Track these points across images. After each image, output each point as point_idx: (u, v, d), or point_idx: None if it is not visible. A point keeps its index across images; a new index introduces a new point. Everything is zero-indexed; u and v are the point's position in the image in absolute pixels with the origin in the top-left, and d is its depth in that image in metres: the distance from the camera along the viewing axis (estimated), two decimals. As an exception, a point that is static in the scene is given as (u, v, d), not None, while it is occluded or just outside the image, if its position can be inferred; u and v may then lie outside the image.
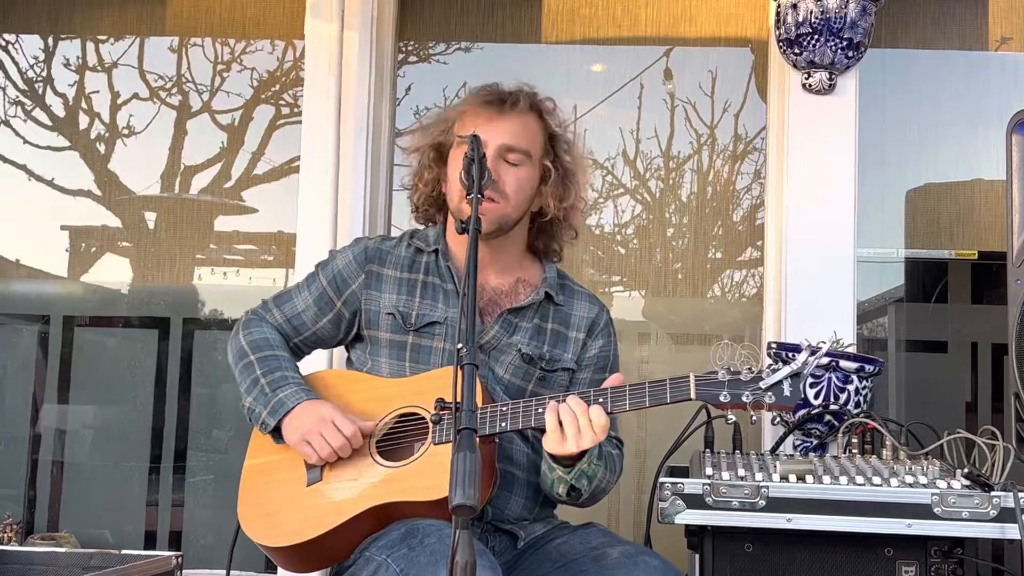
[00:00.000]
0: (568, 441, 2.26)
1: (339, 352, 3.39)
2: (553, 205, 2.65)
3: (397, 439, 2.46)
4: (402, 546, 2.23)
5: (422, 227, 2.79)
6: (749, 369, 2.26)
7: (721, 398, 2.26)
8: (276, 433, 2.50)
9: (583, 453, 2.33)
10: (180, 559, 2.60)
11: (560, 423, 2.27)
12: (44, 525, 4.14)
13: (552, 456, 2.35)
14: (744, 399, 2.25)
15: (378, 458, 2.43)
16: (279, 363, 2.58)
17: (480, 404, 2.34)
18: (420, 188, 2.74)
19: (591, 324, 2.70)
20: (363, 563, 2.31)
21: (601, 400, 2.29)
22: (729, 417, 2.31)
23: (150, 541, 4.11)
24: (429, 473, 2.34)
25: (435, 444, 2.39)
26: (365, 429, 2.44)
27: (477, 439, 1.87)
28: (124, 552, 2.58)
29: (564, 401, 2.29)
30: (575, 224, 2.75)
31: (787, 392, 2.24)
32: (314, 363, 2.99)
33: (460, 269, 2.62)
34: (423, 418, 2.44)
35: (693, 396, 2.27)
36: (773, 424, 3.34)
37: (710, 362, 2.32)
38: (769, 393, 2.24)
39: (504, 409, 2.35)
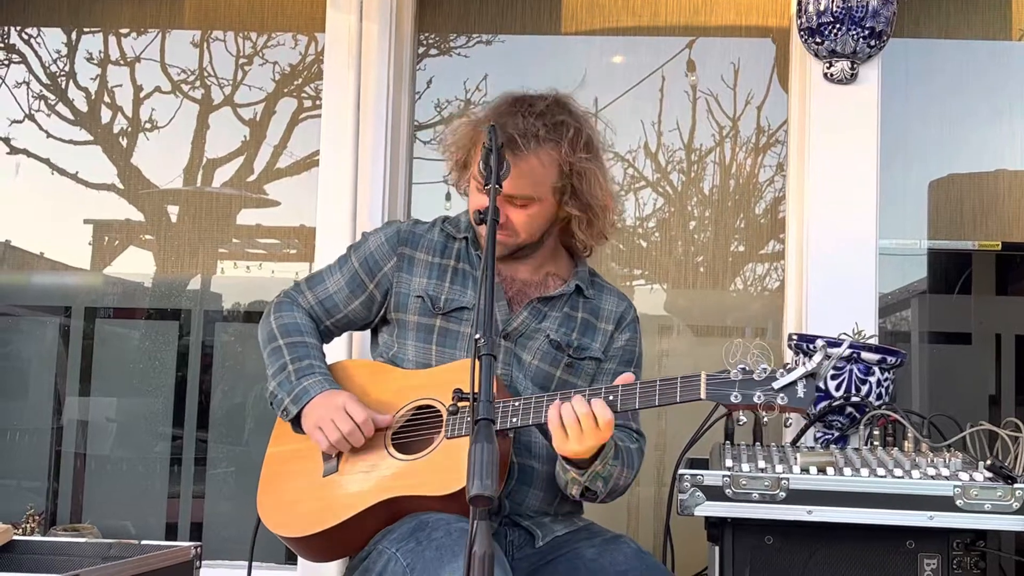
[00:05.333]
0: (571, 441, 2.23)
1: (359, 338, 3.42)
2: (576, 216, 2.61)
3: (414, 432, 2.46)
4: (411, 540, 2.23)
5: (453, 214, 2.78)
6: (764, 369, 2.19)
7: (732, 398, 2.19)
8: (295, 422, 2.51)
9: (597, 454, 2.31)
10: (199, 549, 2.61)
11: (562, 423, 2.23)
12: (67, 516, 4.17)
13: (565, 457, 2.34)
14: (755, 400, 2.17)
15: (393, 451, 2.43)
16: (308, 351, 2.59)
17: (496, 397, 2.33)
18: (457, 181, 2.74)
19: (619, 318, 2.69)
20: (376, 556, 2.32)
21: (611, 398, 2.25)
22: (740, 419, 2.28)
23: (171, 532, 4.13)
24: (441, 468, 2.34)
25: (448, 438, 2.38)
26: (379, 422, 2.44)
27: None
28: (144, 542, 2.59)
29: (568, 400, 2.25)
30: (603, 225, 2.66)
31: (801, 393, 2.16)
32: (333, 349, 2.98)
33: None
34: (439, 411, 2.44)
35: (703, 396, 2.21)
36: (786, 426, 3.32)
37: (723, 360, 2.28)
38: (781, 394, 2.16)
39: (516, 404, 2.32)
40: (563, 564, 2.45)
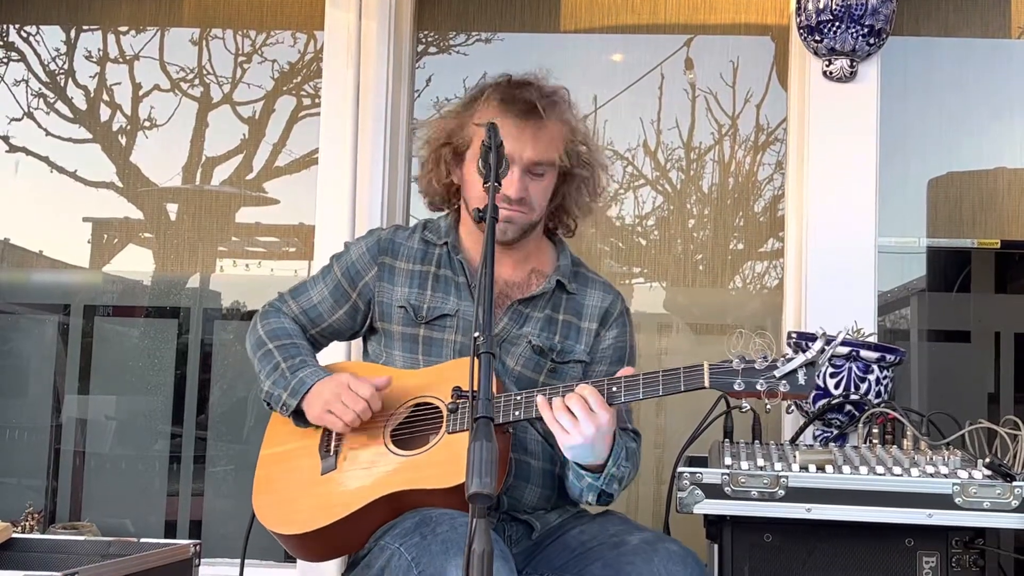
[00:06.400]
0: (572, 433, 2.24)
1: (357, 344, 3.41)
2: (570, 195, 2.66)
3: (412, 429, 2.46)
4: (415, 535, 2.22)
5: (435, 217, 2.78)
6: (764, 358, 2.24)
7: (735, 386, 2.23)
8: (297, 415, 2.50)
9: (608, 458, 2.32)
10: (198, 547, 2.61)
11: (555, 418, 2.25)
12: (66, 514, 4.17)
13: (579, 465, 2.35)
14: (758, 387, 2.21)
15: (392, 447, 2.43)
16: (298, 350, 2.58)
17: (495, 392, 2.33)
18: (430, 179, 2.72)
19: (604, 313, 2.67)
20: (377, 552, 2.31)
21: (615, 389, 2.27)
22: (743, 406, 2.29)
23: (170, 530, 4.13)
24: (442, 461, 2.34)
25: (449, 433, 2.38)
26: (379, 384, 2.43)
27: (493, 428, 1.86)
28: (143, 540, 2.58)
29: (554, 398, 2.27)
30: (595, 188, 2.71)
31: (802, 381, 2.20)
32: (332, 355, 2.98)
33: (471, 262, 2.62)
34: (438, 408, 2.44)
35: (707, 384, 2.24)
36: (788, 412, 3.32)
37: (725, 351, 2.30)
38: (783, 382, 2.21)
39: (518, 398, 2.33)
40: (553, 546, 2.48)
